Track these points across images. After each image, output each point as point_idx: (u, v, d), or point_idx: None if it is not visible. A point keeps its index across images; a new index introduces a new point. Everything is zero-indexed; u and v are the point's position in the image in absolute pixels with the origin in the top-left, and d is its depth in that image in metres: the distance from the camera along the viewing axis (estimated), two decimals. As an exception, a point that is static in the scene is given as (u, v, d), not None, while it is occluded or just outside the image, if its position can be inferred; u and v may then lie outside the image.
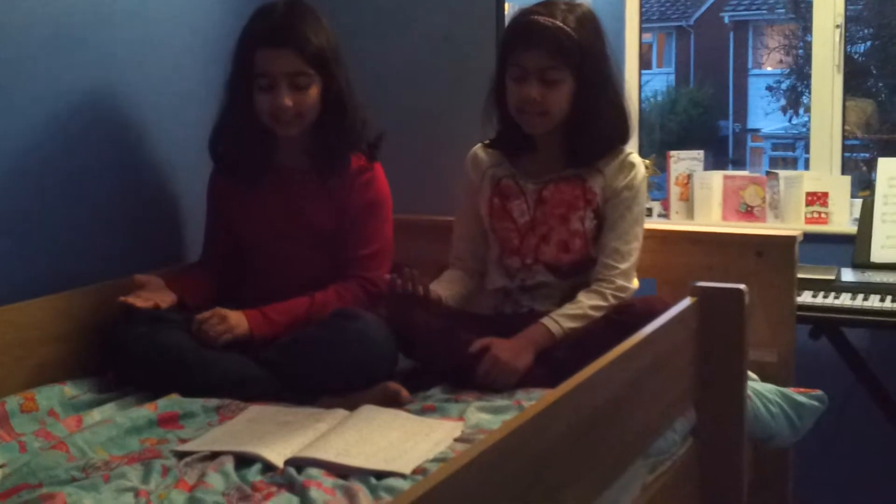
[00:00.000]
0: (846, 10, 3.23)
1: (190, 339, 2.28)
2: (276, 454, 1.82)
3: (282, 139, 2.47)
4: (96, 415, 2.09)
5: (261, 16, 2.41)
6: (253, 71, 2.38)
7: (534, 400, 2.03)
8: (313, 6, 2.44)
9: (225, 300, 2.52)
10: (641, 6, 3.62)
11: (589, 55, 2.39)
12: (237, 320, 2.32)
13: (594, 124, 2.42)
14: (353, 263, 2.47)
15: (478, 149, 2.60)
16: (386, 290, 2.31)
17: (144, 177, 2.63)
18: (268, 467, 1.79)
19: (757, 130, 11.36)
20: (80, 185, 2.42)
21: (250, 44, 2.39)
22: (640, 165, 2.48)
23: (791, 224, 3.12)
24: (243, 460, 1.81)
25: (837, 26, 3.21)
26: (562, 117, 2.42)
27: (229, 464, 1.79)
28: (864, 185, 4.43)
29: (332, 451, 1.81)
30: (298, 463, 1.79)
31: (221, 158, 2.54)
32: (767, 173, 3.26)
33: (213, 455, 1.83)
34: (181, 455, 1.85)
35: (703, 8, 12.74)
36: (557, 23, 2.35)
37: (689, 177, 3.30)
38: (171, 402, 2.10)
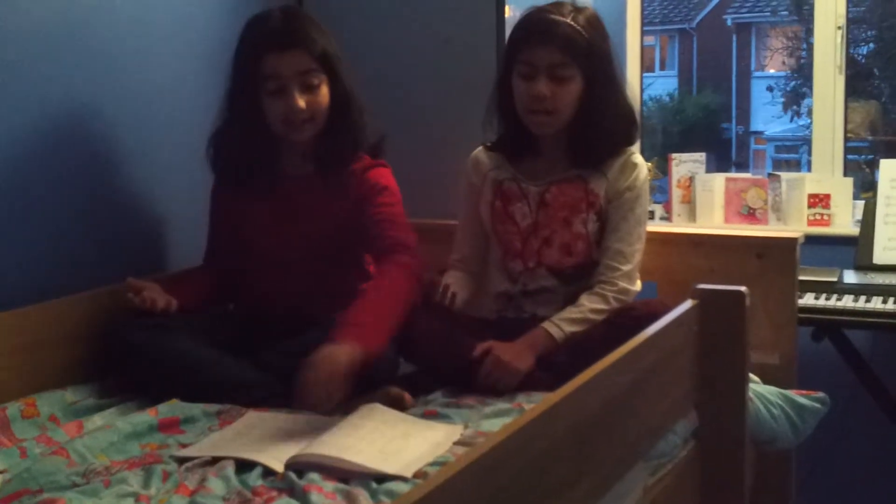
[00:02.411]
0: (848, 11, 3.23)
1: (191, 344, 2.27)
2: (276, 460, 1.82)
3: (288, 144, 2.45)
4: (97, 420, 2.09)
5: (259, 23, 2.39)
6: (260, 75, 2.35)
7: (534, 403, 2.02)
8: (308, 12, 2.45)
9: (226, 312, 2.53)
10: (643, 9, 3.62)
11: (597, 55, 2.40)
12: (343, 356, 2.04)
13: (600, 125, 2.42)
14: (385, 243, 2.35)
15: (479, 151, 2.60)
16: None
17: (143, 183, 2.63)
18: (268, 472, 1.79)
19: (760, 133, 11.34)
20: (80, 190, 2.43)
21: (254, 51, 2.36)
22: (643, 166, 2.48)
23: (793, 226, 3.12)
24: (244, 465, 1.81)
25: (839, 28, 3.21)
26: (569, 117, 2.42)
27: (230, 468, 1.79)
28: (866, 187, 4.43)
29: (330, 448, 1.81)
30: (297, 463, 1.79)
31: (223, 170, 2.51)
32: (769, 175, 3.25)
33: (214, 460, 1.84)
34: (181, 460, 1.85)
35: (706, 10, 12.73)
36: (568, 20, 2.36)
37: (691, 179, 3.29)
38: (171, 408, 2.10)
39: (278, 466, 1.80)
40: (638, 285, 2.45)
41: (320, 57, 2.37)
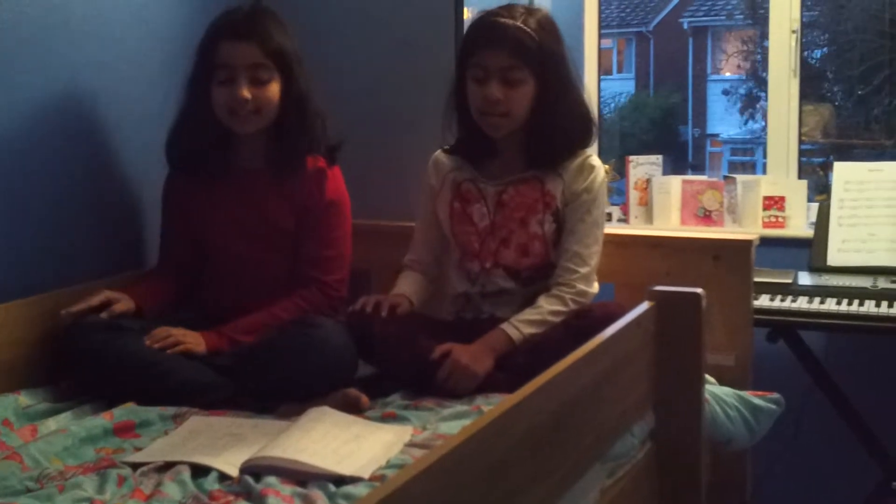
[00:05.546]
0: (802, 15, 3.26)
1: (148, 347, 2.26)
2: (229, 464, 1.81)
3: (240, 139, 2.46)
4: (51, 424, 2.06)
5: (222, 15, 2.43)
6: (213, 64, 2.38)
7: (493, 405, 2.03)
8: (276, 12, 2.45)
9: (183, 307, 2.51)
10: (600, 12, 3.64)
11: (549, 57, 2.40)
12: (195, 340, 2.31)
13: (555, 126, 2.43)
14: (313, 264, 2.47)
15: (439, 153, 2.61)
16: (348, 315, 2.35)
17: (103, 182, 2.60)
18: (224, 476, 1.78)
19: (716, 135, 11.43)
20: (37, 190, 2.39)
21: (213, 38, 2.40)
22: (600, 168, 2.49)
23: (749, 228, 3.14)
24: (200, 469, 1.80)
25: (794, 31, 3.25)
26: (523, 119, 2.43)
27: (186, 473, 1.78)
28: (820, 190, 4.48)
29: (284, 451, 1.80)
30: (252, 467, 1.78)
31: (178, 160, 2.52)
32: (725, 178, 3.28)
33: (168, 465, 1.82)
34: (135, 465, 1.83)
35: (663, 14, 12.81)
36: (518, 23, 2.37)
37: (648, 181, 3.31)
38: (127, 411, 2.08)
39: (233, 471, 1.79)
40: (595, 287, 2.46)
41: (274, 53, 2.39)
